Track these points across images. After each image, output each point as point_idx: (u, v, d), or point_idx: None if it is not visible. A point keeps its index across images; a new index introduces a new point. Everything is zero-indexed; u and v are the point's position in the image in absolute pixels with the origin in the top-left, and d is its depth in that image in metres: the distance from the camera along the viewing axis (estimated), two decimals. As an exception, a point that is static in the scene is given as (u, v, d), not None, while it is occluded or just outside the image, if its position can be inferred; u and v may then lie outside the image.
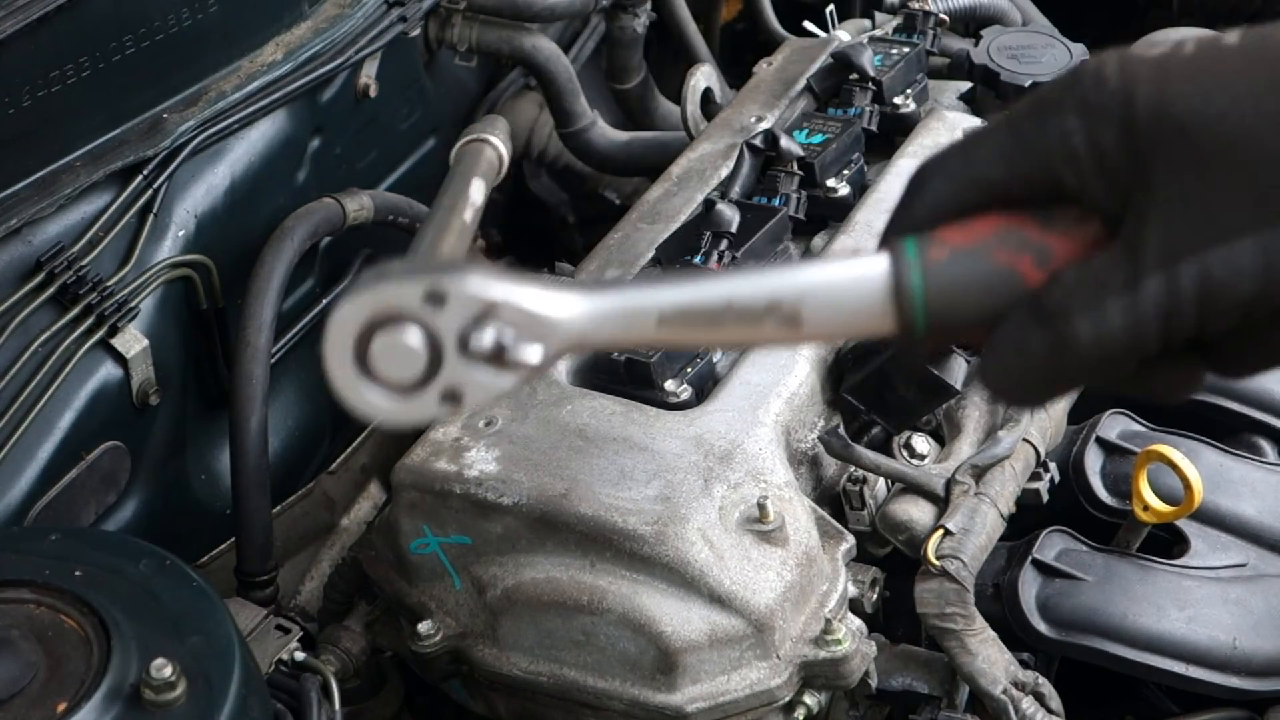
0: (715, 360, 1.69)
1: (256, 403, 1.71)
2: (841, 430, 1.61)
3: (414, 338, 0.86)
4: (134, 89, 1.76)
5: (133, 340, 1.69)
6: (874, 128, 1.97)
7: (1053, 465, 1.68)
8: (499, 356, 0.87)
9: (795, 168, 1.87)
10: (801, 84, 2.06)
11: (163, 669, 1.21)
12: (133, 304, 1.70)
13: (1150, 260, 0.81)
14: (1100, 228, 0.85)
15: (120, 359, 1.68)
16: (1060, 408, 1.72)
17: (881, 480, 1.63)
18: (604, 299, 0.89)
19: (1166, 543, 1.67)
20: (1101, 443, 1.73)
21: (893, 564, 1.61)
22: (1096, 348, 0.83)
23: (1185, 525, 1.65)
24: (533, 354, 0.87)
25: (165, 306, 1.76)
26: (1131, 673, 1.59)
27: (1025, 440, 1.63)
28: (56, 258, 1.66)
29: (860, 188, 1.89)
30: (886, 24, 2.18)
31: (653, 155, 2.31)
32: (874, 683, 1.57)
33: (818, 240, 1.85)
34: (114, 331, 1.68)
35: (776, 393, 1.61)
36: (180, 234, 1.78)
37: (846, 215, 1.84)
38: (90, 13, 1.67)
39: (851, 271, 0.87)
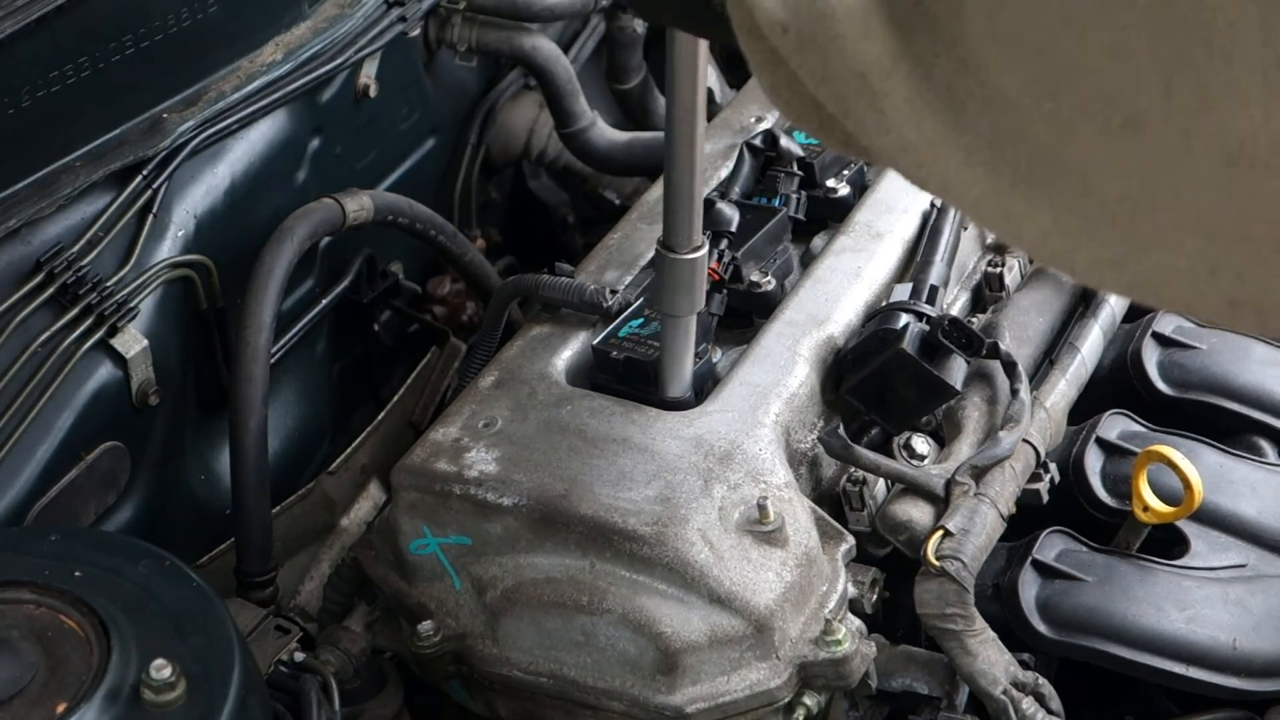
0: (715, 360, 1.69)
1: (256, 403, 1.71)
2: (841, 430, 1.61)
3: None
4: (134, 89, 1.76)
5: (132, 340, 1.69)
6: (874, 128, 1.96)
7: (1053, 465, 1.68)
8: None
9: (795, 168, 1.87)
10: (801, 84, 2.05)
11: (163, 669, 1.21)
12: (132, 304, 1.69)
13: None
14: None
15: (120, 359, 1.68)
16: (1060, 408, 1.72)
17: (881, 481, 1.63)
18: None
19: (1166, 543, 1.67)
20: (1101, 443, 1.73)
21: (893, 564, 1.61)
22: None
23: (1185, 526, 1.65)
24: None
25: (165, 306, 1.76)
26: (1131, 673, 1.59)
27: (1025, 440, 1.63)
28: (56, 258, 1.66)
29: (860, 188, 1.89)
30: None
31: (653, 155, 2.31)
32: (874, 683, 1.57)
33: (818, 240, 1.85)
34: (114, 332, 1.67)
35: (776, 393, 1.61)
36: (180, 234, 1.78)
37: (846, 215, 1.84)
38: (90, 13, 1.67)
39: None
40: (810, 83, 0.78)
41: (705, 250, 1.51)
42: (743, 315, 1.74)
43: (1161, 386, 1.82)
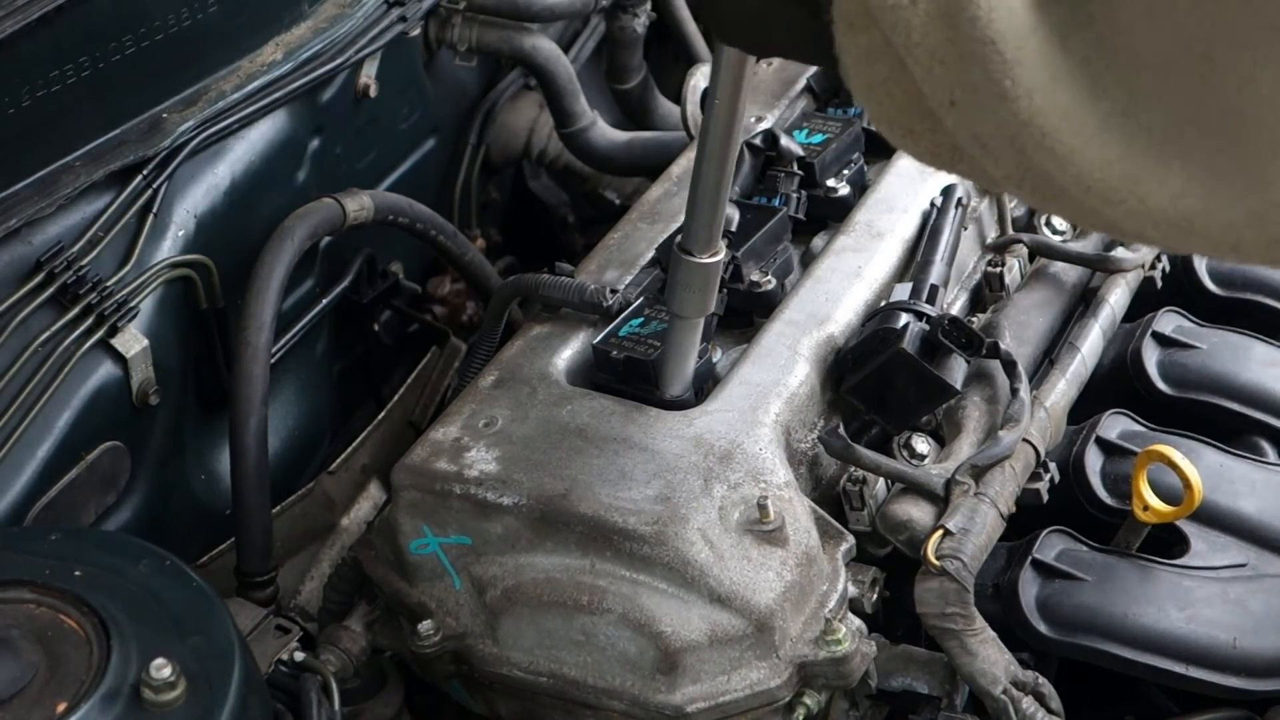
0: (715, 360, 1.69)
1: (256, 403, 1.71)
2: (841, 430, 1.61)
3: None
4: (134, 89, 1.76)
5: (133, 340, 1.69)
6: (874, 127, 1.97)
7: (1053, 465, 1.67)
8: None
9: (795, 168, 1.86)
10: (801, 84, 2.06)
11: (163, 669, 1.21)
12: (133, 304, 1.70)
13: None
14: None
15: (120, 359, 1.68)
16: (1060, 407, 1.72)
17: (881, 480, 1.63)
18: None
19: (1166, 543, 1.67)
20: (1101, 443, 1.73)
21: (893, 564, 1.61)
22: None
23: (1185, 525, 1.65)
24: None
25: (165, 306, 1.76)
26: (1131, 673, 1.59)
27: (1025, 440, 1.63)
28: (56, 258, 1.66)
29: (860, 188, 1.89)
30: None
31: (653, 155, 2.31)
32: (874, 683, 1.57)
33: (818, 240, 1.85)
34: (114, 331, 1.68)
35: (776, 393, 1.61)
36: (180, 234, 1.78)
37: (846, 215, 1.84)
38: (90, 13, 1.67)
39: None
40: (924, 64, 0.79)
41: (722, 256, 1.52)
42: (743, 315, 1.74)
43: (1161, 386, 1.82)
